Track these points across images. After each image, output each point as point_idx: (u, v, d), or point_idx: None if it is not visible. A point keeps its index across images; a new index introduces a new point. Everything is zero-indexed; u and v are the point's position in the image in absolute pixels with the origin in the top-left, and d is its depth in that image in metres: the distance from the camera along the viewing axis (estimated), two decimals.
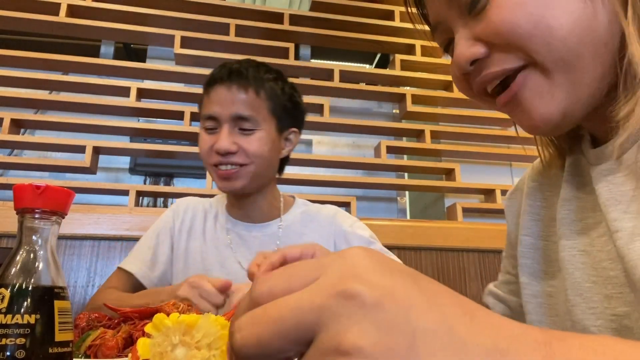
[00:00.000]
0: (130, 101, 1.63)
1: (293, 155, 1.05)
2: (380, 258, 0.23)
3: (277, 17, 1.89)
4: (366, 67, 2.31)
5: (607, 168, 0.46)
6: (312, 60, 2.11)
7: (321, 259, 0.23)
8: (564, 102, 0.42)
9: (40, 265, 0.38)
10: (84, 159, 1.52)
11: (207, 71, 1.71)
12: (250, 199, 1.02)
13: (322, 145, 2.09)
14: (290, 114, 1.01)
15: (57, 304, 0.37)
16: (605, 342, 0.21)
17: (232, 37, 1.78)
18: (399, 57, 1.91)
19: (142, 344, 0.32)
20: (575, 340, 0.21)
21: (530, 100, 0.43)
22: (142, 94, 1.68)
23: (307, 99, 1.84)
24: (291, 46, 1.85)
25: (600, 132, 0.49)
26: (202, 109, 1.00)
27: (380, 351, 0.19)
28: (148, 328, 0.32)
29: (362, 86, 1.89)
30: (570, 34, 0.40)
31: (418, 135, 1.86)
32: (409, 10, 0.53)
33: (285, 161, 1.07)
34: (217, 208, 1.09)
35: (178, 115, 1.66)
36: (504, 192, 1.77)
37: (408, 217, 2.07)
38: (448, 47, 0.51)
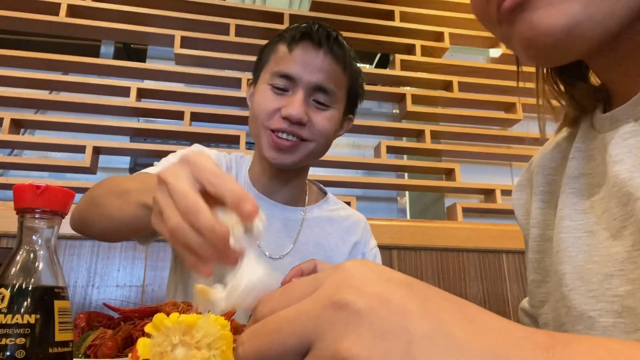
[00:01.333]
0: (130, 101, 1.63)
1: None
2: (376, 268, 0.23)
3: (277, 17, 1.89)
4: (366, 67, 2.31)
5: (628, 131, 0.40)
6: None
7: (319, 274, 0.24)
8: (576, 15, 0.35)
9: (40, 265, 0.38)
10: (84, 159, 1.52)
11: (207, 71, 1.72)
12: (287, 176, 0.91)
13: None
14: (356, 101, 0.95)
15: (57, 304, 0.37)
16: (613, 347, 0.20)
17: (232, 37, 1.78)
18: (399, 57, 1.91)
19: (142, 344, 0.32)
20: (581, 345, 0.20)
21: (540, 5, 0.37)
22: (142, 94, 1.68)
23: None
24: None
25: (621, 86, 0.42)
26: (273, 62, 0.86)
27: (377, 357, 0.19)
28: (148, 328, 0.32)
29: None
30: None
31: (418, 135, 1.86)
32: None
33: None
34: (237, 170, 0.95)
35: (178, 115, 1.66)
36: (504, 192, 1.77)
37: (408, 217, 2.07)
38: None
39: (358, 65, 0.93)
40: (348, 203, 1.69)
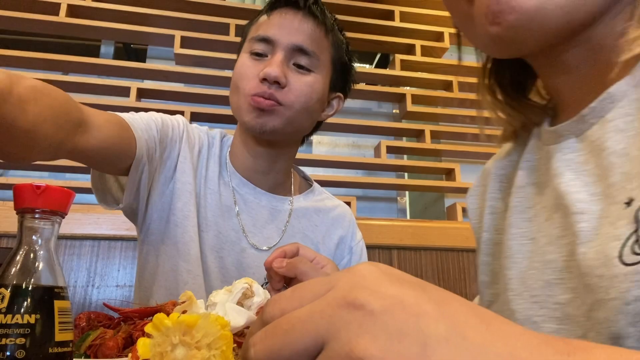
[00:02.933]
0: (130, 101, 1.63)
1: None
2: (389, 271, 0.23)
3: None
4: (366, 67, 2.31)
5: (568, 146, 0.41)
6: None
7: (331, 275, 0.24)
8: None
9: (40, 265, 0.38)
10: None
11: (207, 71, 1.72)
12: (271, 154, 0.87)
13: (322, 145, 2.09)
14: (343, 74, 0.90)
15: (57, 304, 0.37)
16: (634, 357, 0.20)
17: (232, 37, 1.78)
18: (399, 57, 1.91)
19: (142, 344, 0.32)
20: (601, 352, 0.20)
21: None
22: (142, 94, 1.68)
23: None
24: None
25: (567, 96, 0.43)
26: (251, 31, 0.85)
27: (392, 358, 0.19)
28: (148, 328, 0.32)
29: (362, 86, 1.89)
30: None
31: (418, 135, 1.86)
32: None
33: (317, 126, 0.95)
34: (218, 152, 0.90)
35: None
36: None
37: (408, 217, 2.07)
38: None
39: (342, 34, 0.89)
40: (348, 203, 1.70)
